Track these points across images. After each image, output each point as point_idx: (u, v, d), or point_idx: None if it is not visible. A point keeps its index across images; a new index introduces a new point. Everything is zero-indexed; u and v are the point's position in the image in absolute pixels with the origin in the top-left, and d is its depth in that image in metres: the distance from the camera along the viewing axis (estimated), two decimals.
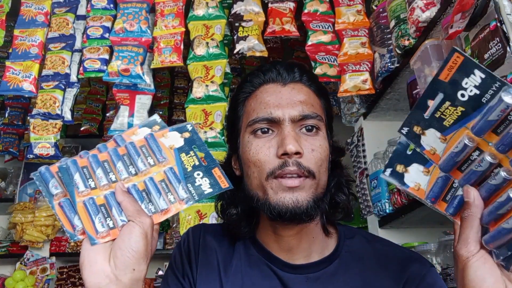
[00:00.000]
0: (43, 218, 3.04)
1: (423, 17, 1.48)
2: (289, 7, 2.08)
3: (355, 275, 0.80)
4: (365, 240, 0.86)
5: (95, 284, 0.59)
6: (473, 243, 0.55)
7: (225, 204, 0.87)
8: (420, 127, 0.61)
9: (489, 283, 0.53)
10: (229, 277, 0.83)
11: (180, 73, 3.65)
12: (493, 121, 0.55)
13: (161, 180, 0.68)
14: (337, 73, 1.96)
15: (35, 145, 2.06)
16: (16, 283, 2.86)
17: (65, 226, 0.64)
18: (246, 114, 0.83)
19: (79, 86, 2.24)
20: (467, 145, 0.57)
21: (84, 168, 0.67)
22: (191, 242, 0.88)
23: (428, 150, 0.62)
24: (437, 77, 0.58)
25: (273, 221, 0.80)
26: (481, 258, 0.54)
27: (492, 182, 0.55)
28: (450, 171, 0.60)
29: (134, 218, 0.62)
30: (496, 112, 0.54)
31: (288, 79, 0.82)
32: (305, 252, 0.82)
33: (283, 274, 0.81)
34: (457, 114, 0.58)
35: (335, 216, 0.85)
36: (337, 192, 0.84)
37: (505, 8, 1.09)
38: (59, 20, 2.23)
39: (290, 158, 0.74)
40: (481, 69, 0.55)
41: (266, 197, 0.76)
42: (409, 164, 0.63)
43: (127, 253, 0.60)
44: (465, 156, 0.58)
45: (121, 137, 0.71)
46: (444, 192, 0.61)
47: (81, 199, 0.65)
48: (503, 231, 0.52)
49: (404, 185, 0.64)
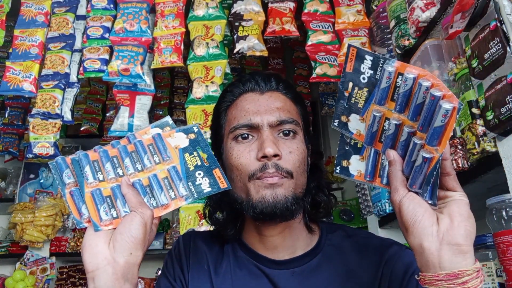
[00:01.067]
0: (43, 218, 3.04)
1: (423, 17, 1.48)
2: (289, 7, 2.08)
3: (338, 266, 0.85)
4: (345, 234, 0.90)
5: (94, 265, 0.65)
6: (401, 188, 0.65)
7: (212, 209, 0.93)
8: (345, 115, 0.73)
9: (419, 212, 0.62)
10: (219, 278, 0.87)
11: (180, 73, 3.65)
12: (386, 88, 0.66)
13: (164, 177, 0.73)
14: (337, 73, 1.96)
15: (35, 145, 2.06)
16: (16, 283, 2.86)
17: (73, 213, 0.70)
18: (228, 122, 0.89)
19: (79, 86, 2.24)
20: (375, 116, 0.68)
21: (94, 162, 0.73)
22: (182, 247, 0.93)
23: (355, 133, 0.73)
24: (344, 70, 0.71)
25: (256, 221, 0.84)
26: (409, 197, 0.64)
27: (402, 139, 0.66)
28: (372, 144, 0.71)
29: (136, 208, 0.68)
30: (384, 80, 0.66)
31: (266, 88, 0.89)
32: (289, 250, 0.87)
33: (270, 271, 0.85)
34: (365, 95, 0.70)
35: (316, 215, 0.90)
36: (317, 193, 0.90)
37: (505, 8, 1.09)
38: (59, 20, 2.23)
39: (269, 160, 0.80)
40: (370, 54, 0.68)
41: (249, 197, 0.81)
42: (349, 157, 0.75)
43: (126, 237, 0.66)
44: (379, 127, 0.69)
45: (134, 136, 0.77)
46: (377, 170, 0.72)
47: (90, 189, 0.71)
48: (417, 168, 0.63)
49: (350, 176, 0.75)
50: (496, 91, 1.10)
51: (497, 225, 1.08)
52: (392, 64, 0.65)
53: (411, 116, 0.64)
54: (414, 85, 0.63)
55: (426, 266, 0.61)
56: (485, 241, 1.16)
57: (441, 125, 0.59)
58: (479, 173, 1.20)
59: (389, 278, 0.81)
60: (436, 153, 0.61)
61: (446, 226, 0.60)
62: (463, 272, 0.58)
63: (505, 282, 1.05)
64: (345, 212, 2.94)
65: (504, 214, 1.08)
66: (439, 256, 0.60)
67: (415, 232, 0.62)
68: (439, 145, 0.61)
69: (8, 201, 3.34)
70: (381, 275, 0.82)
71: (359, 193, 2.18)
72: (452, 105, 0.58)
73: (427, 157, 0.61)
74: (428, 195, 0.64)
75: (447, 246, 0.59)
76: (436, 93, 0.60)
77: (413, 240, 0.62)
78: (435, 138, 0.61)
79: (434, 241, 0.60)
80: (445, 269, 0.59)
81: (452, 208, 0.62)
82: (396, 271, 0.80)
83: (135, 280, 0.68)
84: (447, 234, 0.60)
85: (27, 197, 3.34)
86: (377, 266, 0.83)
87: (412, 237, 0.63)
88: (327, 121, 3.43)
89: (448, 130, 0.60)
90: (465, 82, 1.24)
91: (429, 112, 0.61)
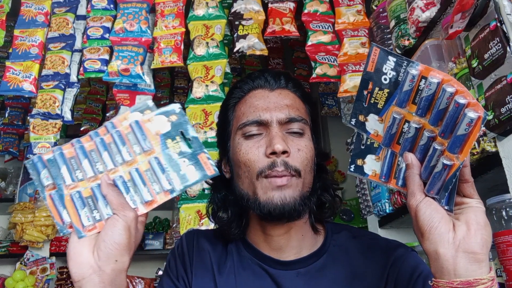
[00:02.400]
0: (43, 218, 3.03)
1: (423, 17, 1.48)
2: (289, 7, 2.08)
3: (343, 267, 0.84)
4: (351, 235, 0.90)
5: (79, 275, 0.63)
6: (418, 193, 0.64)
7: (216, 207, 0.91)
8: (363, 115, 0.72)
9: (436, 219, 0.61)
10: (223, 277, 0.86)
11: (180, 73, 3.65)
12: (408, 91, 0.65)
13: (146, 170, 0.68)
14: (337, 73, 1.96)
15: (35, 145, 2.06)
16: (16, 283, 2.86)
17: (56, 218, 0.66)
18: (236, 118, 0.88)
19: (79, 86, 2.24)
20: (395, 118, 0.67)
21: (71, 159, 0.67)
22: (185, 246, 0.92)
23: (372, 133, 0.72)
24: (366, 70, 0.70)
25: (262, 220, 0.84)
26: (426, 202, 0.63)
27: (421, 143, 0.65)
28: (390, 145, 0.70)
29: (118, 211, 0.65)
30: (407, 83, 0.65)
31: (275, 85, 0.88)
32: (295, 250, 0.86)
33: (275, 271, 0.84)
34: (385, 96, 0.69)
35: (322, 215, 0.90)
36: (323, 193, 0.89)
37: (505, 8, 1.09)
38: (59, 20, 2.23)
39: (278, 157, 0.79)
40: (393, 55, 0.67)
41: (256, 196, 0.80)
42: (365, 156, 0.75)
43: (109, 245, 0.63)
44: (398, 129, 0.68)
45: (112, 124, 0.70)
46: (393, 171, 0.72)
47: (69, 192, 0.66)
48: (436, 175, 0.62)
49: (365, 175, 0.75)
50: (496, 91, 1.10)
51: (497, 225, 1.09)
52: (416, 67, 0.64)
53: (433, 121, 0.63)
54: (438, 90, 0.62)
55: (441, 272, 0.61)
56: None
57: (465, 134, 0.59)
58: (479, 173, 1.20)
59: (395, 280, 0.80)
60: (457, 160, 0.60)
61: (463, 233, 0.60)
62: (478, 281, 0.58)
63: (505, 282, 1.05)
64: (345, 212, 2.95)
65: (504, 214, 1.08)
66: (455, 264, 0.59)
67: (431, 238, 0.61)
68: (460, 153, 0.60)
69: (8, 201, 3.33)
70: (387, 277, 0.81)
71: (359, 193, 2.18)
72: (477, 114, 0.57)
73: (447, 164, 0.60)
74: (445, 201, 0.63)
75: (463, 254, 0.59)
76: (461, 101, 0.59)
77: (429, 245, 0.62)
78: (457, 146, 0.60)
79: (450, 248, 0.60)
80: (460, 276, 0.59)
81: (469, 216, 0.62)
82: (402, 273, 0.80)
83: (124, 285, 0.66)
84: (464, 242, 0.59)
85: (27, 197, 3.34)
86: (383, 268, 0.82)
87: (427, 242, 0.62)
88: (327, 121, 3.43)
89: (471, 139, 0.59)
90: (465, 82, 1.24)
91: (452, 119, 0.60)
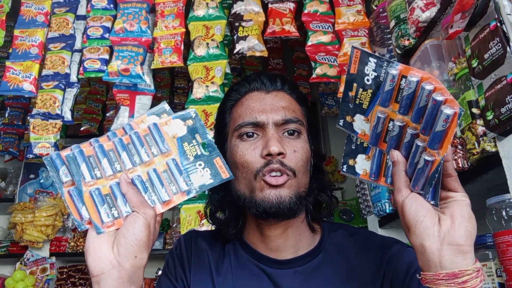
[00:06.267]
0: (43, 218, 3.04)
1: (423, 17, 1.48)
2: (289, 7, 2.08)
3: (339, 265, 0.85)
4: (347, 233, 0.91)
5: (99, 270, 0.64)
6: (404, 189, 0.65)
7: (214, 208, 0.93)
8: (350, 115, 0.74)
9: (421, 213, 0.63)
10: (220, 277, 0.87)
11: (180, 73, 3.65)
12: (389, 91, 0.67)
13: (163, 171, 0.70)
14: (337, 73, 1.96)
15: (35, 145, 2.06)
16: (16, 283, 2.86)
17: (73, 214, 0.67)
18: (233, 120, 0.89)
19: (79, 86, 2.24)
20: (379, 117, 0.69)
21: (90, 157, 0.69)
22: (183, 246, 0.93)
23: (360, 133, 0.74)
24: (349, 72, 0.72)
25: (259, 218, 0.85)
26: (412, 197, 0.64)
27: (405, 140, 0.66)
28: (377, 144, 0.72)
29: (138, 209, 0.66)
30: (388, 83, 0.66)
31: (271, 88, 0.89)
32: (292, 249, 0.87)
33: (272, 271, 0.85)
34: (369, 96, 0.71)
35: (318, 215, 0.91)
36: (319, 193, 0.90)
37: (505, 8, 1.09)
38: (59, 20, 2.23)
39: (273, 158, 0.80)
40: (373, 56, 0.69)
41: (252, 195, 0.82)
42: (356, 156, 0.77)
43: (130, 241, 0.64)
44: (384, 127, 0.70)
45: (130, 126, 0.73)
46: (382, 169, 0.73)
47: (88, 189, 0.68)
48: (419, 171, 0.63)
49: (356, 175, 0.77)
50: (496, 91, 1.10)
51: (497, 225, 1.09)
52: (396, 67, 0.66)
53: (414, 119, 0.65)
54: (418, 88, 0.64)
55: (428, 265, 0.62)
56: (485, 241, 1.16)
57: (442, 130, 0.60)
58: (479, 173, 1.20)
59: (391, 276, 0.81)
60: (438, 156, 0.62)
61: (447, 226, 0.61)
62: (463, 272, 0.59)
63: (505, 282, 1.05)
64: (345, 212, 2.95)
65: (504, 214, 1.08)
66: (440, 256, 0.61)
67: (417, 232, 0.63)
68: (440, 149, 0.61)
69: (8, 201, 3.34)
70: (383, 274, 0.82)
71: (359, 193, 2.18)
72: (453, 111, 0.59)
73: (428, 160, 0.62)
74: (430, 196, 0.65)
75: (447, 246, 0.60)
76: (438, 98, 0.60)
77: (415, 239, 0.63)
78: (436, 142, 0.61)
79: (436, 241, 0.61)
80: (445, 268, 0.60)
81: (454, 209, 0.63)
82: (398, 270, 0.81)
83: (141, 282, 0.67)
84: (448, 235, 0.61)
85: (27, 197, 3.34)
86: (379, 265, 0.83)
87: (414, 236, 0.64)
88: (327, 121, 3.43)
89: (449, 134, 0.60)
90: (465, 82, 1.24)
91: (431, 116, 0.62)
